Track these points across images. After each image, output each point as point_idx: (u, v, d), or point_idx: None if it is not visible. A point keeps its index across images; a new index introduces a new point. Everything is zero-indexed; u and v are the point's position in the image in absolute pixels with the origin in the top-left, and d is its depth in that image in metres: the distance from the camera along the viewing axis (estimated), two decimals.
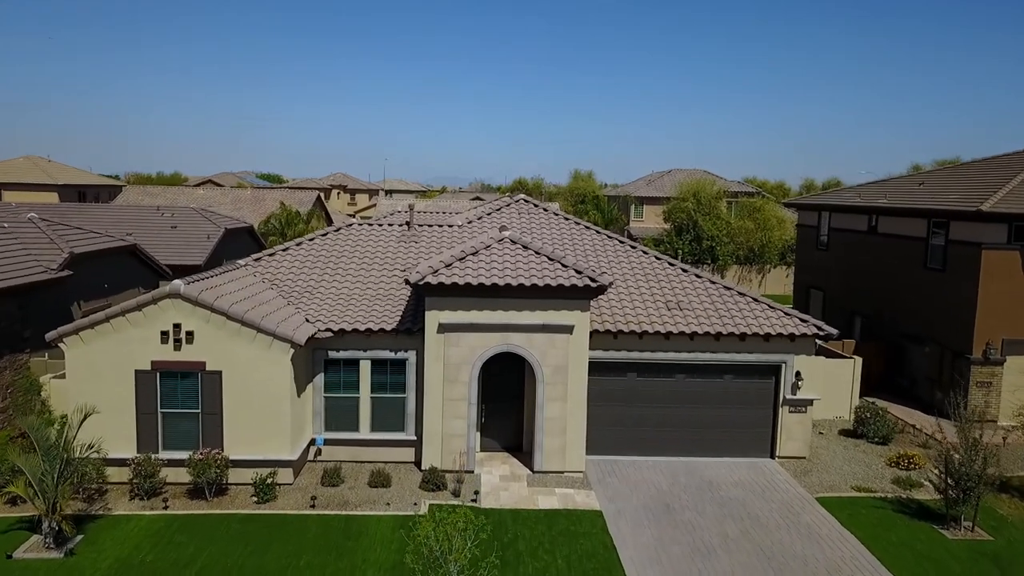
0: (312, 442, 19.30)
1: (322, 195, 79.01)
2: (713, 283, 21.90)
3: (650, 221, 67.89)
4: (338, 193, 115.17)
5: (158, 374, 17.50)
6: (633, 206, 69.38)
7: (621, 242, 24.13)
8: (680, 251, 56.64)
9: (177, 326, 17.29)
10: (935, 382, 25.72)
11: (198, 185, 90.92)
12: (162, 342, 17.34)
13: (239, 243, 38.46)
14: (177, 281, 17.45)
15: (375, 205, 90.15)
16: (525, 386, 19.99)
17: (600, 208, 69.28)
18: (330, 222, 61.01)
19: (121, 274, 27.25)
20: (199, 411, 17.67)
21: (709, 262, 57.57)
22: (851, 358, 24.95)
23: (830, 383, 23.56)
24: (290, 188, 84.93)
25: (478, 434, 19.91)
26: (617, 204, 72.39)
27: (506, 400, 20.23)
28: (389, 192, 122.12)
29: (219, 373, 17.52)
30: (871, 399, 26.27)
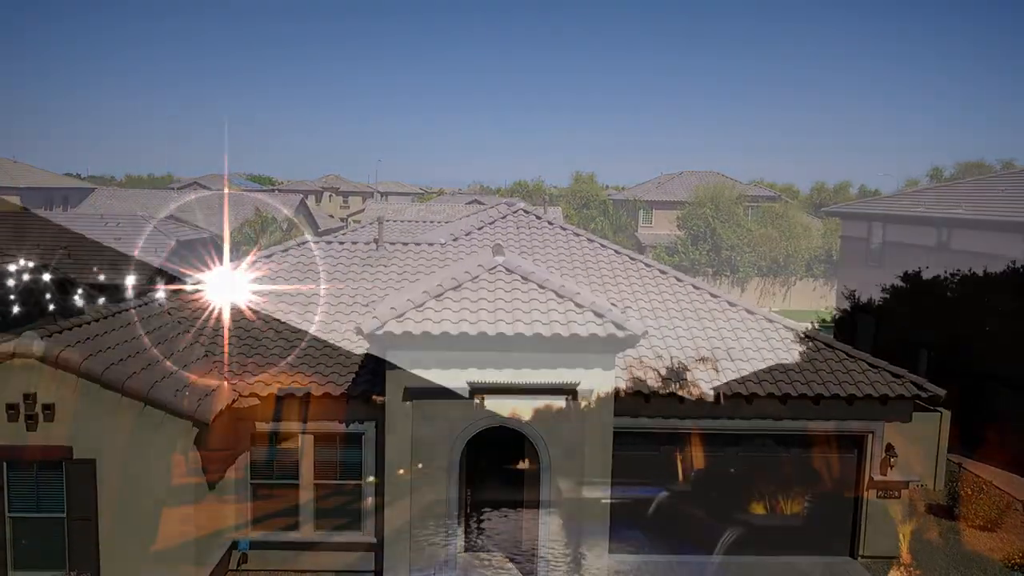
0: (233, 546, 14.19)
1: (313, 198, 74.11)
2: (771, 322, 16.83)
3: (660, 227, 62.78)
4: (330, 196, 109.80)
5: (4, 464, 12.41)
6: (642, 211, 64.32)
7: (648, 265, 19.02)
8: (708, 264, 51.45)
9: (30, 397, 12.20)
10: None
11: (183, 187, 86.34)
12: (9, 420, 12.22)
13: (198, 256, 33.29)
14: (30, 332, 12.33)
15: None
16: (526, 459, 14.89)
17: (607, 214, 64.12)
18: (317, 228, 56.62)
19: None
20: (64, 516, 12.56)
21: (728, 273, 52.51)
22: (936, 411, 19.75)
23: (908, 442, 18.38)
24: (274, 191, 79.88)
25: (460, 530, 14.80)
26: (625, 209, 67.28)
27: (500, 482, 15.13)
28: (385, 194, 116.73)
29: (91, 462, 12.40)
30: (954, 458, 21.25)
